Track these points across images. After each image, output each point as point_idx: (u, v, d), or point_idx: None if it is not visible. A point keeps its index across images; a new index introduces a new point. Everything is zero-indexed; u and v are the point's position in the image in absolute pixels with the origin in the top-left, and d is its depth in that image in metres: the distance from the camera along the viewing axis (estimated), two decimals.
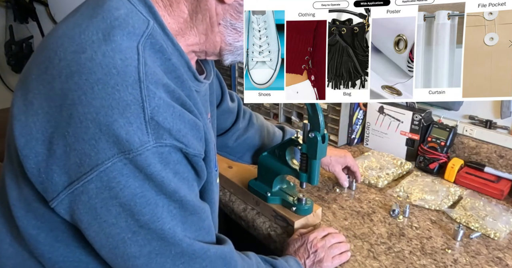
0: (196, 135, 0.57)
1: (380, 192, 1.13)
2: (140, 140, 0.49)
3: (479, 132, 1.20)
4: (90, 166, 0.49)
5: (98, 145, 0.48)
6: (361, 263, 0.85)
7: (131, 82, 0.49)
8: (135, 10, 0.55)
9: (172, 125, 0.52)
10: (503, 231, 0.94)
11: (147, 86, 0.50)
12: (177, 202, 0.55)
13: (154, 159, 0.50)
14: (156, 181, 0.51)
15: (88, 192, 0.50)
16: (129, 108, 0.48)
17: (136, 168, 0.50)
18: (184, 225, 0.56)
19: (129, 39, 0.51)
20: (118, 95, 0.48)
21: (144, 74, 0.50)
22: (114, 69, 0.49)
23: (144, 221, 0.52)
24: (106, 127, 0.48)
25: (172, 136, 0.52)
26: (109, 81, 0.48)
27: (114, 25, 0.52)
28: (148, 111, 0.49)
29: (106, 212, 0.51)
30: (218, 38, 0.62)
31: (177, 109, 0.53)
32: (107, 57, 0.49)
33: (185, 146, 0.54)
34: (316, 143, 0.85)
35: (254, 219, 1.02)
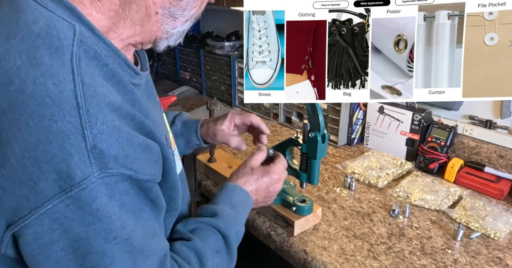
0: (149, 158, 0.52)
1: (380, 192, 1.13)
2: (83, 173, 0.44)
3: (479, 132, 1.20)
4: (28, 209, 0.44)
5: (37, 185, 0.44)
6: (361, 263, 0.85)
7: (68, 109, 0.44)
8: (55, 17, 0.49)
9: (118, 151, 0.47)
10: (503, 231, 0.94)
11: (87, 111, 0.45)
12: (126, 243, 0.50)
13: (99, 192, 0.46)
14: (103, 221, 0.47)
15: (25, 238, 0.46)
16: (68, 138, 0.44)
17: (79, 209, 0.45)
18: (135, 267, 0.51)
19: (59, 57, 0.46)
20: (55, 127, 0.44)
21: (83, 98, 0.45)
22: (48, 98, 0.44)
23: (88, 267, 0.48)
24: (46, 164, 0.44)
25: (119, 164, 0.47)
26: (45, 113, 0.44)
27: (38, 44, 0.46)
28: (90, 139, 0.45)
29: (46, 258, 0.47)
30: (154, 27, 0.58)
31: (124, 133, 0.48)
32: (38, 84, 0.44)
33: (135, 173, 0.49)
34: (316, 143, 0.85)
35: (254, 219, 1.02)
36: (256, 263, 1.13)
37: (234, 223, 0.70)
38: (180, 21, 0.59)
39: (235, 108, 1.78)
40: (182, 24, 0.60)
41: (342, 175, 1.20)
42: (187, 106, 1.82)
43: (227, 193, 0.75)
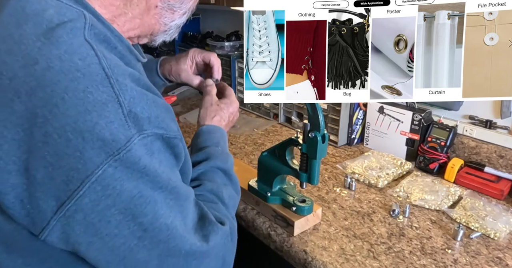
0: (171, 117, 0.56)
1: (380, 192, 1.13)
2: (125, 136, 0.47)
3: (479, 132, 1.21)
4: (80, 180, 0.46)
5: (84, 155, 0.45)
6: (361, 263, 0.85)
7: (100, 80, 0.47)
8: (63, 5, 0.51)
9: (149, 113, 0.51)
10: (503, 231, 0.94)
11: (117, 79, 0.48)
12: (172, 192, 0.53)
13: (141, 152, 0.49)
14: (150, 175, 0.50)
15: (83, 209, 0.47)
16: (106, 106, 0.46)
17: (127, 168, 0.48)
18: (182, 214, 0.55)
19: (75, 35, 0.48)
20: (91, 98, 0.46)
21: (109, 69, 0.48)
22: (78, 72, 0.46)
23: (147, 222, 0.51)
24: (89, 133, 0.45)
25: (152, 124, 0.51)
26: (78, 86, 0.46)
27: (52, 26, 0.48)
28: (125, 105, 0.48)
29: (106, 224, 0.49)
30: (153, 20, 0.61)
31: (149, 96, 0.52)
32: (65, 61, 0.46)
33: (166, 131, 0.53)
34: (316, 143, 0.85)
35: (254, 219, 1.02)
36: (256, 263, 1.13)
37: (226, 156, 0.78)
38: (178, 14, 0.62)
39: None
40: (179, 17, 0.63)
41: (342, 175, 1.20)
42: (187, 106, 1.82)
43: (207, 134, 0.81)
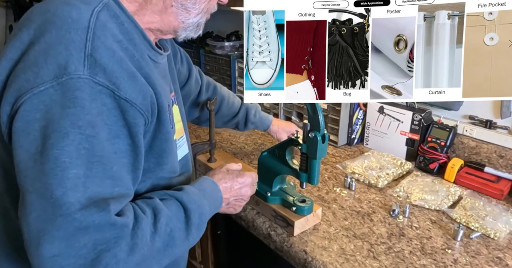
0: (133, 85, 0.61)
1: (380, 192, 1.13)
2: (76, 68, 0.56)
3: (479, 132, 1.20)
4: (26, 89, 0.56)
5: (40, 71, 0.56)
6: (361, 263, 0.85)
7: (81, 27, 0.59)
8: None
9: (107, 64, 0.58)
10: (503, 231, 0.94)
11: (94, 32, 0.59)
12: (88, 140, 0.56)
13: (83, 87, 0.56)
14: (77, 107, 0.55)
15: (17, 115, 0.56)
16: (74, 44, 0.57)
17: (63, 93, 0.55)
18: (86, 169, 0.56)
19: (86, 4, 0.62)
20: (68, 36, 0.58)
21: (94, 24, 0.60)
22: (69, 18, 0.59)
23: (47, 146, 0.55)
24: (52, 58, 0.56)
25: (106, 76, 0.58)
26: (63, 26, 0.59)
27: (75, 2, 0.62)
28: (89, 48, 0.58)
29: (25, 136, 0.56)
30: (172, 17, 0.70)
31: (117, 55, 0.60)
32: (65, 11, 0.60)
33: (117, 89, 0.59)
34: (316, 143, 0.85)
35: (254, 219, 1.02)
36: (256, 263, 1.13)
37: (199, 202, 0.72)
38: (193, 13, 0.70)
39: None
40: (195, 16, 0.71)
41: (342, 175, 1.20)
42: None
43: (198, 181, 0.80)
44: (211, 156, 1.20)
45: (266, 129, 1.25)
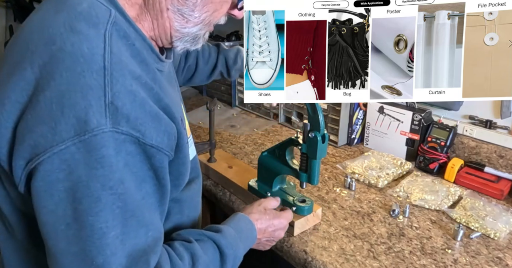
0: (157, 127, 0.57)
1: (380, 192, 1.13)
2: (98, 122, 0.51)
3: (479, 132, 1.20)
4: (44, 147, 0.50)
5: (57, 127, 0.50)
6: (361, 263, 0.85)
7: (96, 69, 0.52)
8: (95, 2, 0.58)
9: (130, 111, 0.53)
10: (503, 231, 0.94)
11: (111, 73, 0.53)
12: (120, 197, 0.53)
13: (108, 142, 0.51)
14: (105, 168, 0.52)
15: (36, 175, 0.51)
16: (91, 91, 0.51)
17: (88, 153, 0.51)
18: (124, 230, 0.54)
19: (95, 28, 0.55)
20: (83, 81, 0.51)
21: (109, 62, 0.53)
22: (81, 57, 0.52)
23: (81, 212, 0.52)
24: (68, 109, 0.50)
25: (130, 124, 0.53)
26: (76, 68, 0.52)
27: (79, 18, 0.55)
28: (109, 95, 0.52)
29: (49, 197, 0.52)
30: (167, 23, 0.64)
31: (139, 98, 0.55)
32: (75, 47, 0.53)
33: (142, 136, 0.55)
34: (316, 143, 0.85)
35: None
36: (256, 263, 1.13)
37: (235, 246, 0.72)
38: (190, 22, 0.64)
39: (235, 108, 1.78)
40: (192, 26, 0.65)
41: (342, 175, 1.20)
42: (187, 106, 1.82)
43: (235, 219, 0.79)
44: (211, 156, 1.20)
45: None
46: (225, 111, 1.74)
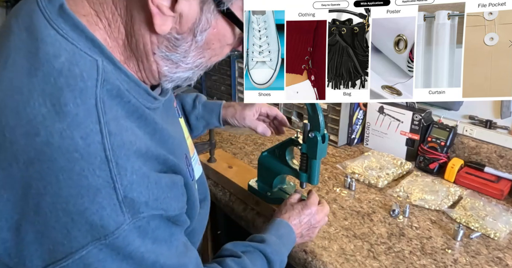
0: (176, 194, 0.53)
1: (380, 192, 1.13)
2: (116, 222, 0.45)
3: (479, 132, 1.20)
4: (64, 253, 0.45)
5: (71, 234, 0.44)
6: (361, 263, 0.85)
7: (97, 164, 0.44)
8: (77, 51, 0.47)
9: (148, 197, 0.48)
10: (503, 231, 0.94)
11: (116, 163, 0.45)
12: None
13: (132, 236, 0.47)
14: (136, 258, 0.48)
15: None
16: (100, 192, 0.44)
17: (113, 251, 0.46)
18: None
19: (83, 102, 0.45)
20: (86, 182, 0.44)
21: (111, 150, 0.45)
22: (76, 152, 0.43)
23: None
24: (78, 216, 0.44)
25: (149, 207, 0.48)
26: (74, 168, 0.43)
27: (61, 86, 0.45)
28: (121, 191, 0.45)
29: None
30: (154, 67, 0.55)
31: (152, 178, 0.49)
32: (65, 138, 0.43)
33: (165, 211, 0.51)
34: (316, 143, 0.85)
35: (254, 219, 1.02)
36: None
37: (280, 251, 0.77)
38: (182, 67, 0.55)
39: None
40: (183, 71, 0.56)
41: (342, 175, 1.20)
42: None
43: (274, 225, 0.83)
44: (211, 156, 1.20)
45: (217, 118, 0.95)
46: None
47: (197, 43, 0.53)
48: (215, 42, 0.55)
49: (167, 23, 0.49)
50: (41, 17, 0.48)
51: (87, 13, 0.50)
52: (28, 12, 0.49)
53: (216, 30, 0.53)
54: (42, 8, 0.49)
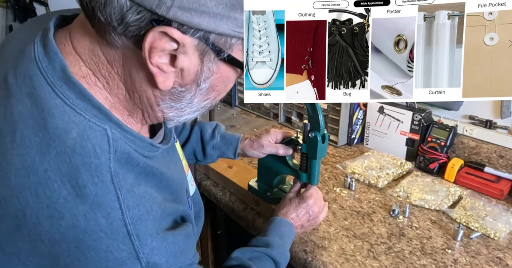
0: (190, 244, 0.57)
1: (380, 192, 1.12)
2: None
3: (479, 132, 1.20)
4: None
5: None
6: (361, 263, 0.85)
7: (121, 239, 0.47)
8: (86, 122, 0.47)
9: (168, 256, 0.51)
10: (503, 231, 0.94)
11: (137, 235, 0.48)
12: None
13: None
14: None
15: None
16: (125, 264, 0.47)
17: None
18: None
19: (101, 181, 0.46)
20: (111, 257, 0.47)
21: (131, 225, 0.47)
22: (101, 232, 0.46)
23: None
24: None
25: (169, 263, 0.51)
26: (100, 246, 0.46)
27: (77, 165, 0.45)
28: (144, 259, 0.48)
29: None
30: (159, 114, 0.55)
31: (169, 239, 0.52)
32: (89, 220, 0.45)
33: (183, 262, 0.54)
34: (316, 143, 0.85)
35: (254, 219, 1.02)
36: None
37: (284, 252, 0.82)
38: (187, 111, 0.56)
39: (235, 108, 1.78)
40: (189, 114, 0.57)
41: (342, 175, 1.20)
42: None
43: (276, 225, 0.86)
44: None
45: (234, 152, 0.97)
46: (225, 111, 1.74)
47: (201, 91, 0.53)
48: (219, 85, 0.55)
49: (169, 79, 0.49)
50: (43, 82, 0.47)
51: (85, 74, 0.50)
52: (27, 73, 0.48)
53: (219, 75, 0.54)
54: (43, 70, 0.48)
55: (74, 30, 0.51)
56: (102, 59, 0.49)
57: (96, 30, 0.47)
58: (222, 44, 0.50)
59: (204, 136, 0.96)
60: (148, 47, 0.45)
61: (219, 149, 0.97)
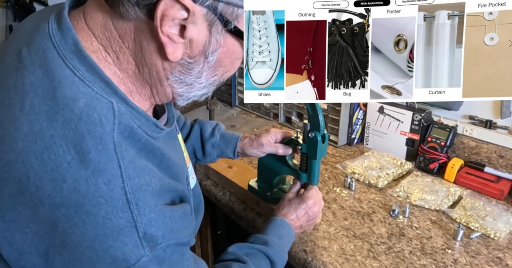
0: (187, 223, 0.57)
1: (380, 192, 1.13)
2: (137, 255, 0.49)
3: (479, 132, 1.20)
4: None
5: (96, 265, 0.48)
6: (361, 263, 0.85)
7: (120, 206, 0.48)
8: (93, 94, 0.49)
9: (164, 230, 0.52)
10: (503, 231, 0.94)
11: (136, 204, 0.49)
12: None
13: (151, 265, 0.50)
14: None
15: None
16: (123, 232, 0.48)
17: None
18: None
19: (104, 149, 0.47)
20: (110, 224, 0.47)
21: (131, 193, 0.48)
22: (101, 198, 0.47)
23: None
24: (103, 252, 0.48)
25: (166, 238, 0.52)
26: (99, 212, 0.47)
27: (82, 132, 0.47)
28: (141, 228, 0.49)
29: None
30: (168, 90, 0.57)
31: (167, 213, 0.52)
32: (90, 185, 0.46)
33: (178, 239, 0.54)
34: (316, 143, 0.85)
35: (254, 219, 1.02)
36: None
37: (281, 253, 0.81)
38: (196, 87, 0.58)
39: (235, 108, 1.78)
40: (198, 90, 0.58)
41: (342, 175, 1.20)
42: (187, 106, 1.82)
43: (275, 225, 0.86)
44: None
45: (233, 151, 0.97)
46: (225, 111, 1.74)
47: (209, 64, 0.55)
48: (226, 59, 0.57)
49: (178, 50, 0.51)
50: (55, 55, 0.49)
51: (96, 49, 0.52)
52: (40, 46, 0.50)
53: (226, 48, 0.55)
54: (55, 44, 0.50)
55: (88, 7, 0.53)
56: (114, 34, 0.51)
57: (110, 4, 0.49)
58: (229, 15, 0.52)
59: (203, 134, 0.97)
60: (160, 15, 0.47)
61: (219, 148, 0.98)
